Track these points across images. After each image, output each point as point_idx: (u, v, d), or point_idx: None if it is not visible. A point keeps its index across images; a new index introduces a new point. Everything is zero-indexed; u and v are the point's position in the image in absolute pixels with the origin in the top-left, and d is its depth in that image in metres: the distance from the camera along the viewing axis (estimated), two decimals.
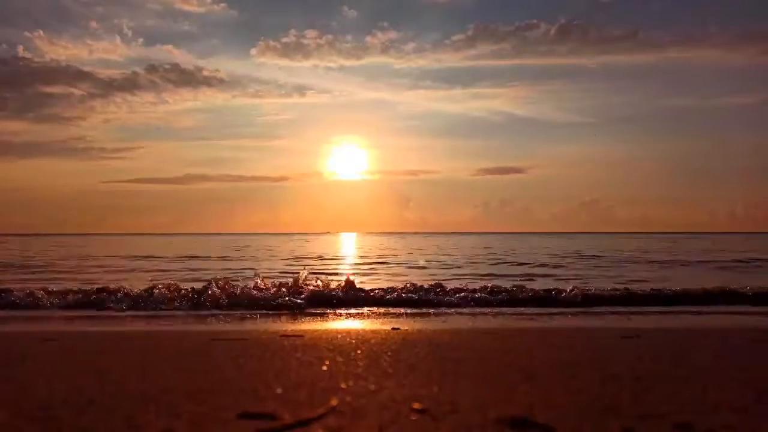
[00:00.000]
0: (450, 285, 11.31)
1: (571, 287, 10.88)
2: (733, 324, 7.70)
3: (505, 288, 10.92)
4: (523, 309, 9.67)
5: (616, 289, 11.24)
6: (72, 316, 9.18)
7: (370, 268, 20.98)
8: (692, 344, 4.64)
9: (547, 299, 10.30)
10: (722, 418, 2.02)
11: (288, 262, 25.22)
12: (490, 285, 11.20)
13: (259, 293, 9.97)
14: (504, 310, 9.96)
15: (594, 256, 28.22)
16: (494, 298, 10.29)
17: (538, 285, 12.25)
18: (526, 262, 24.15)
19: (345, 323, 7.98)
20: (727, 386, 2.59)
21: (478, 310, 10.16)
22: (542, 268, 20.52)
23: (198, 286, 10.33)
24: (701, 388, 2.54)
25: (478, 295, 10.45)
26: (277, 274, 16.12)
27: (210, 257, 28.76)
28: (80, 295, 10.26)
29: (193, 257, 28.62)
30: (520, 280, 14.34)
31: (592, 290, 10.81)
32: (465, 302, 10.08)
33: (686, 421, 1.96)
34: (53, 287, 11.00)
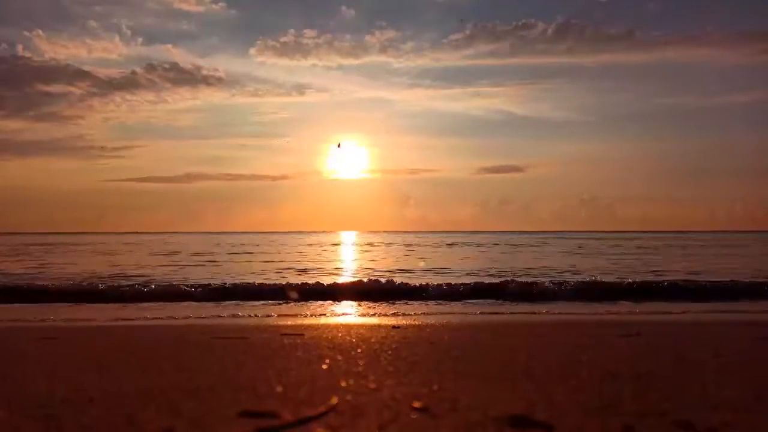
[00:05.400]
0: None
1: None
2: (732, 322, 7.71)
3: None
4: None
5: None
6: (72, 316, 9.19)
7: None
8: (692, 342, 4.65)
9: None
10: (722, 416, 2.02)
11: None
12: None
13: None
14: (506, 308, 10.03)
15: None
16: None
17: None
18: None
19: (345, 321, 7.99)
20: (727, 384, 2.60)
21: (477, 309, 10.21)
22: None
23: None
24: (701, 386, 2.54)
25: None
26: None
27: None
28: None
29: None
30: None
31: None
32: None
33: (686, 419, 1.96)
34: None
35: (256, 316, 9.05)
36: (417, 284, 13.26)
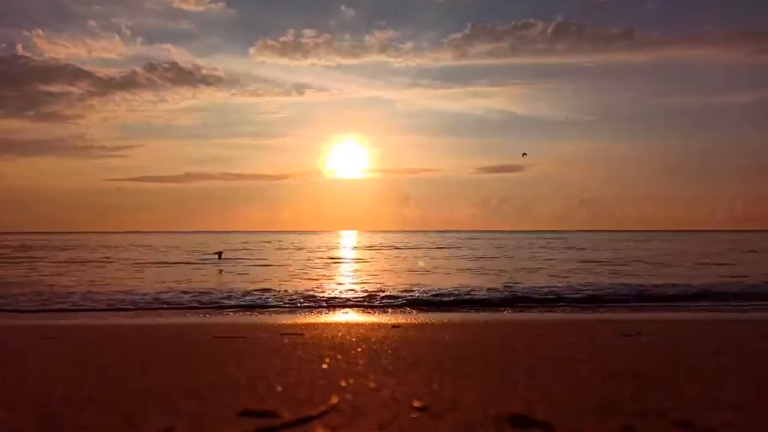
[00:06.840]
0: None
1: None
2: (732, 321, 7.70)
3: None
4: None
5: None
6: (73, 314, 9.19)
7: None
8: (692, 342, 4.64)
9: None
10: (722, 415, 2.02)
11: None
12: None
13: None
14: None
15: None
16: None
17: None
18: None
19: (345, 321, 7.99)
20: (727, 384, 2.59)
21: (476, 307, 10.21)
22: None
23: None
24: (701, 386, 2.53)
25: None
26: None
27: None
28: None
29: None
30: None
31: None
32: None
33: (686, 418, 1.96)
34: None
35: (256, 315, 9.05)
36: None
